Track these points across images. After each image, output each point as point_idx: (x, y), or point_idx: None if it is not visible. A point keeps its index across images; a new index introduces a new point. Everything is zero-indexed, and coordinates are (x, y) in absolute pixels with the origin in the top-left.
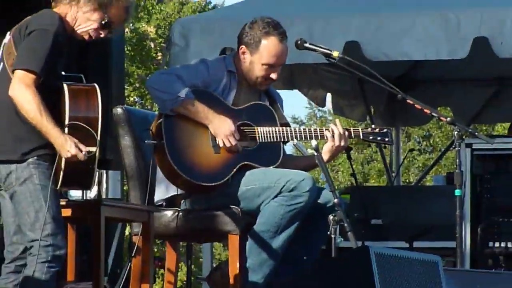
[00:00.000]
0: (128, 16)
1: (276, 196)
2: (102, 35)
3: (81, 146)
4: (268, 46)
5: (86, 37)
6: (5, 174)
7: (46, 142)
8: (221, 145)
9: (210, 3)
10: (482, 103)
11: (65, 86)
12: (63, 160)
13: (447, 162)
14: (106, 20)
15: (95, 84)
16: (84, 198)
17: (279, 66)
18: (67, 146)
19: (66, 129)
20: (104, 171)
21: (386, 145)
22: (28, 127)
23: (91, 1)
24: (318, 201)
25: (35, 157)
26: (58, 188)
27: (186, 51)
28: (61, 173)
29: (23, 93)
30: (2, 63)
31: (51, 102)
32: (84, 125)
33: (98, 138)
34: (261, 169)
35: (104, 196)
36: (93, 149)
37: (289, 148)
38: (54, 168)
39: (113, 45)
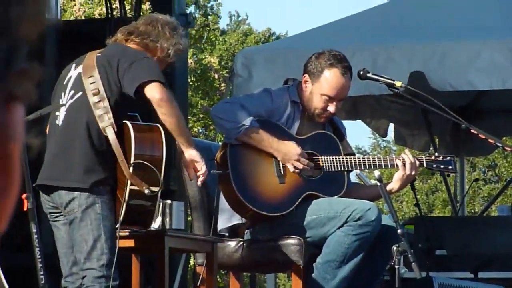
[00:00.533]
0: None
1: (342, 226)
2: None
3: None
4: (330, 77)
5: None
6: (67, 200)
7: (111, 174)
8: (291, 169)
9: (274, 34)
10: None
11: (128, 123)
12: (127, 197)
13: None
14: (167, 65)
15: (158, 124)
16: (148, 229)
17: (338, 100)
18: (198, 158)
19: (131, 168)
20: (168, 202)
21: (450, 175)
22: (99, 159)
23: (165, 53)
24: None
25: (100, 187)
26: (117, 226)
27: (249, 81)
28: (123, 210)
29: (165, 98)
30: (78, 92)
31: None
32: (149, 165)
33: (161, 179)
34: (326, 199)
35: (167, 227)
36: (156, 189)
37: (352, 178)
38: (122, 205)
39: (176, 76)
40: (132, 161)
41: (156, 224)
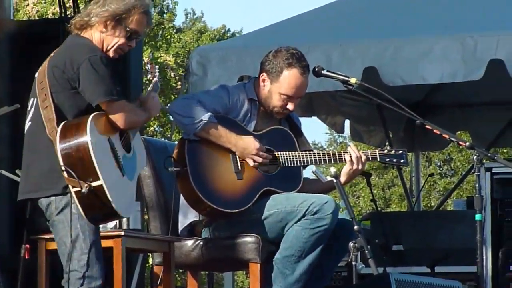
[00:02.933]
0: (149, 18)
1: (299, 220)
2: (132, 46)
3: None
4: (289, 78)
5: (119, 52)
6: (45, 206)
7: None
8: (251, 164)
9: (228, 30)
10: (501, 127)
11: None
12: (77, 201)
13: (469, 186)
14: (130, 32)
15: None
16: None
17: (297, 98)
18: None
19: (64, 172)
20: None
21: (402, 167)
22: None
23: (108, 21)
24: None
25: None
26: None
27: (204, 80)
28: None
29: (126, 123)
30: (34, 99)
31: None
32: (76, 154)
33: (96, 167)
34: (284, 194)
35: (124, 227)
36: (97, 183)
37: (307, 175)
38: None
39: (131, 75)
40: (61, 163)
41: (111, 224)
